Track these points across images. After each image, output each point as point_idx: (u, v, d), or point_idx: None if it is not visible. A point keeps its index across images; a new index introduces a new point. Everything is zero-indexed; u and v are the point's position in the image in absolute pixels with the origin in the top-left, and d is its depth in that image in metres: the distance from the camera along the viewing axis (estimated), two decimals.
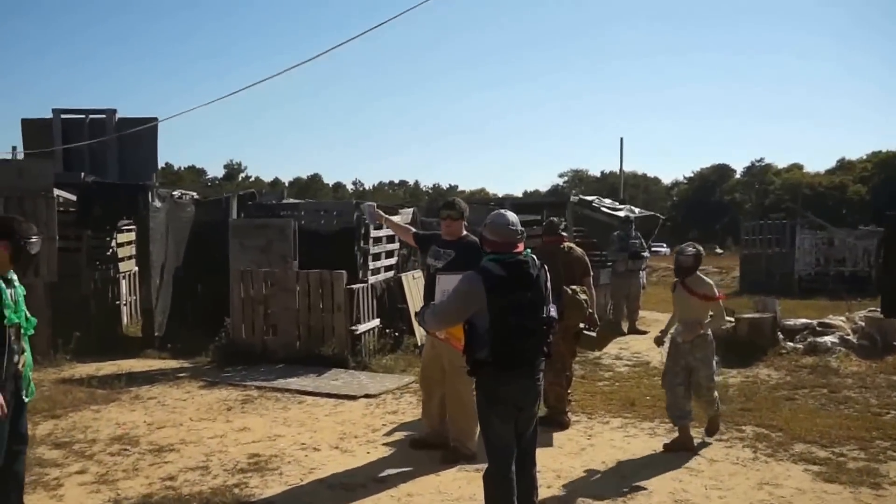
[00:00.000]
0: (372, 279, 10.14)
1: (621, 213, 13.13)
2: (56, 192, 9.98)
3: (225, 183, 57.91)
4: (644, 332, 12.33)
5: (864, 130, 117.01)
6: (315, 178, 74.04)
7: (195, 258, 11.28)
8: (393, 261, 11.19)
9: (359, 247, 10.12)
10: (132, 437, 6.32)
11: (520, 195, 57.09)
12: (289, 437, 6.43)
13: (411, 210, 12.48)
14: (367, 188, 77.17)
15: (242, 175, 72.82)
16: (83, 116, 13.09)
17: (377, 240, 10.47)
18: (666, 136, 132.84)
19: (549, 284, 4.11)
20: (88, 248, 10.58)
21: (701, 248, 6.69)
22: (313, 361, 9.16)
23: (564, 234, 7.23)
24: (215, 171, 76.19)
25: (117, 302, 11.37)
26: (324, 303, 9.40)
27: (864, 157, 70.72)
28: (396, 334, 10.11)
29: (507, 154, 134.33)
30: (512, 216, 4.08)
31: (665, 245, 58.02)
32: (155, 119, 13.24)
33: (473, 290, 3.88)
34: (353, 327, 9.40)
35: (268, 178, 72.77)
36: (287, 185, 72.09)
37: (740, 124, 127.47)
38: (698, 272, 6.50)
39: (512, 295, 3.87)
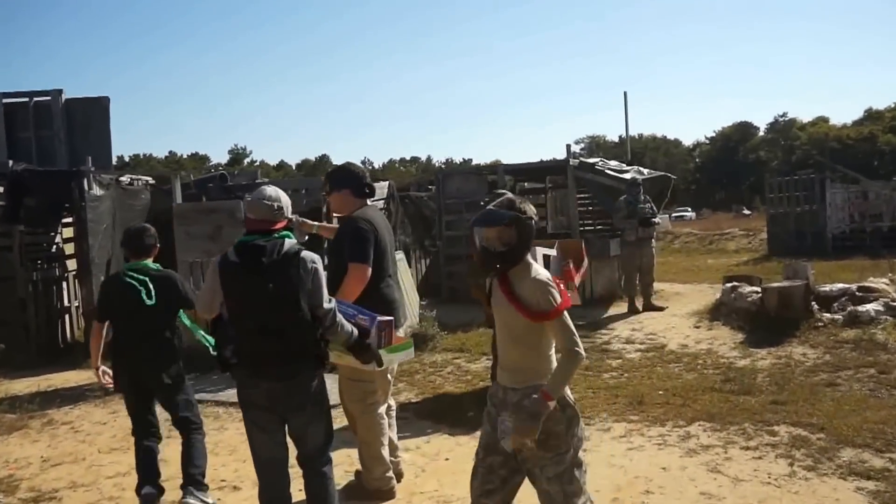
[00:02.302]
0: None
1: (627, 176, 11.66)
2: None
3: (228, 168, 56.81)
4: (661, 308, 10.94)
5: (891, 78, 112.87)
6: (323, 159, 72.59)
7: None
8: None
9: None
10: (13, 482, 5.11)
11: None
12: (209, 470, 5.18)
13: (386, 183, 11.15)
14: (376, 166, 75.65)
15: (248, 160, 71.64)
16: (27, 99, 11.87)
17: None
18: (685, 95, 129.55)
19: (318, 275, 3.43)
20: (23, 246, 9.39)
21: (525, 208, 3.11)
22: None
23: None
24: (220, 157, 75.26)
25: (66, 305, 10.17)
26: None
27: (893, 105, 67.81)
28: None
29: (523, 124, 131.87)
30: (273, 190, 3.51)
31: (690, 209, 56.26)
32: (105, 98, 12.00)
33: (213, 276, 3.46)
34: None
35: (273, 162, 71.66)
36: (294, 167, 70.92)
37: (760, 79, 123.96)
38: (530, 259, 3.13)
39: (244, 285, 3.35)
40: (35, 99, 11.89)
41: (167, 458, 5.34)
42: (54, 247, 10.31)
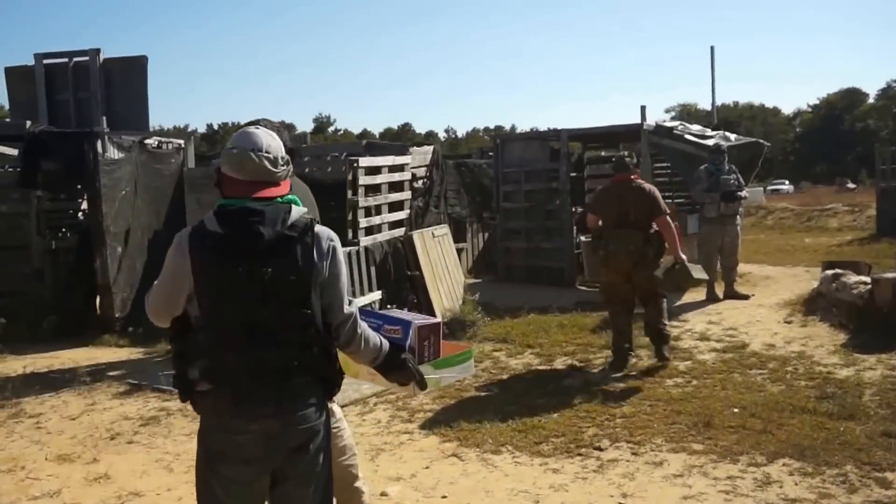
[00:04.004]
0: (367, 240, 7.77)
1: (710, 142, 10.06)
2: None
3: (312, 137, 56.62)
4: (745, 297, 9.42)
5: None
6: (406, 128, 71.79)
7: (183, 219, 9.25)
8: (402, 215, 8.74)
9: (341, 199, 7.72)
10: None
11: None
12: (155, 492, 4.24)
13: (430, 148, 9.97)
14: (459, 135, 74.33)
15: (332, 128, 71.50)
16: (66, 60, 11.20)
17: (373, 188, 8.04)
18: (785, 62, 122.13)
19: (337, 259, 2.35)
20: (41, 213, 8.74)
21: None
22: None
23: (637, 169, 6.68)
24: (305, 124, 75.41)
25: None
26: None
27: None
28: (404, 310, 7.75)
29: (611, 92, 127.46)
30: (267, 136, 2.33)
31: (787, 182, 52.59)
32: (143, 57, 11.21)
33: (178, 257, 2.29)
34: None
35: (357, 130, 71.31)
36: (378, 136, 70.49)
37: (870, 40, 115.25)
38: None
39: (230, 269, 2.23)
40: (74, 59, 11.21)
41: (113, 474, 4.45)
42: (80, 213, 9.63)
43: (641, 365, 6.53)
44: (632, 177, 6.41)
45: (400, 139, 65.60)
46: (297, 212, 2.30)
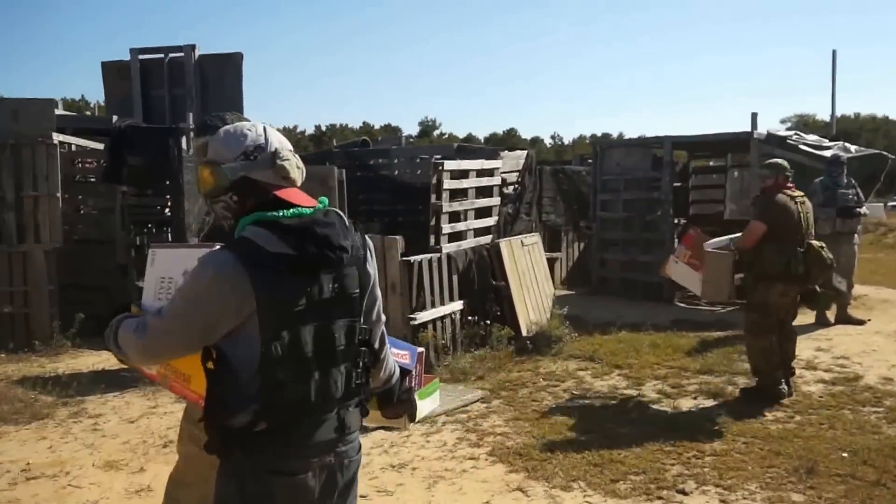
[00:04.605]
0: (450, 247, 7.46)
1: (827, 153, 9.22)
2: (70, 139, 8.36)
3: (417, 140, 57.06)
4: (860, 322, 8.59)
5: None
6: (511, 133, 71.25)
7: None
8: (489, 222, 8.38)
9: (427, 203, 7.44)
10: None
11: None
12: None
13: (523, 153, 9.56)
14: (565, 142, 73.23)
15: (437, 132, 71.83)
16: (162, 56, 11.50)
17: (458, 193, 7.72)
18: None
19: (374, 257, 2.13)
20: (126, 208, 8.88)
21: None
22: None
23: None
24: (411, 128, 76.11)
25: None
26: None
27: None
28: (487, 323, 7.43)
29: (726, 100, 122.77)
30: (279, 136, 2.05)
31: None
32: (238, 55, 11.37)
33: (219, 288, 1.86)
34: (413, 315, 6.84)
35: (461, 134, 71.38)
36: (483, 140, 70.38)
37: None
38: None
39: (307, 290, 1.91)
40: (170, 55, 11.51)
41: (156, 488, 4.30)
42: (166, 210, 9.78)
43: (737, 395, 5.95)
44: (791, 186, 5.95)
45: (504, 144, 65.28)
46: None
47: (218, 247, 1.93)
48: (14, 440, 5.20)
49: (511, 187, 9.10)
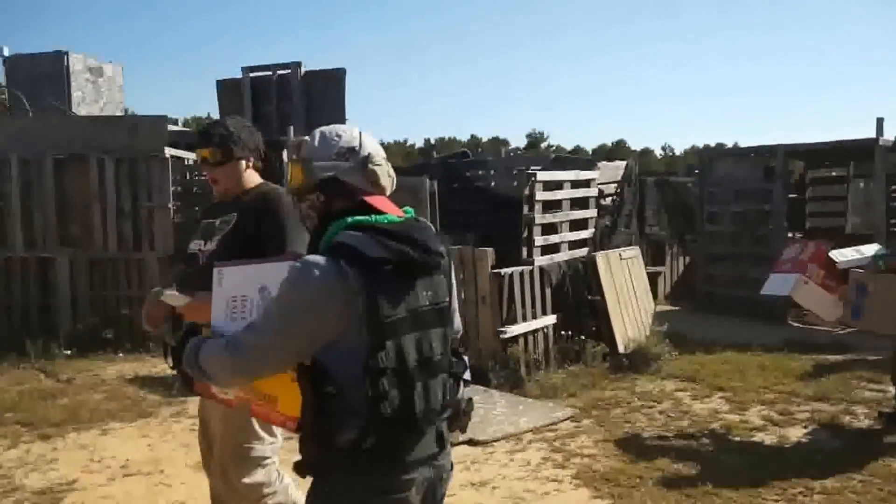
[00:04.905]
0: (543, 260, 7.26)
1: None
2: (183, 153, 8.70)
3: (524, 152, 56.90)
4: None
5: None
6: (620, 144, 69.92)
7: None
8: (585, 234, 8.12)
9: (521, 214, 7.28)
10: (65, 491, 4.41)
11: None
12: None
13: (623, 164, 9.23)
14: (676, 153, 71.14)
15: (544, 144, 71.36)
16: (270, 73, 11.89)
17: (551, 204, 7.51)
18: None
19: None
20: None
21: None
22: None
23: None
24: (518, 140, 75.97)
25: None
26: (465, 291, 6.85)
27: None
28: (581, 338, 7.18)
29: (848, 105, 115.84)
30: (361, 135, 2.01)
31: None
32: (342, 70, 11.59)
33: (322, 294, 1.78)
34: (504, 328, 6.68)
35: (570, 146, 70.62)
36: (591, 152, 69.40)
37: None
38: None
39: (406, 298, 1.85)
40: (278, 72, 11.88)
41: None
42: None
43: (857, 425, 5.46)
44: None
45: (613, 156, 64.02)
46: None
47: (293, 257, 1.90)
48: (118, 436, 5.40)
49: (609, 199, 8.81)
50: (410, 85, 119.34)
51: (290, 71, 11.74)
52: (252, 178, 2.97)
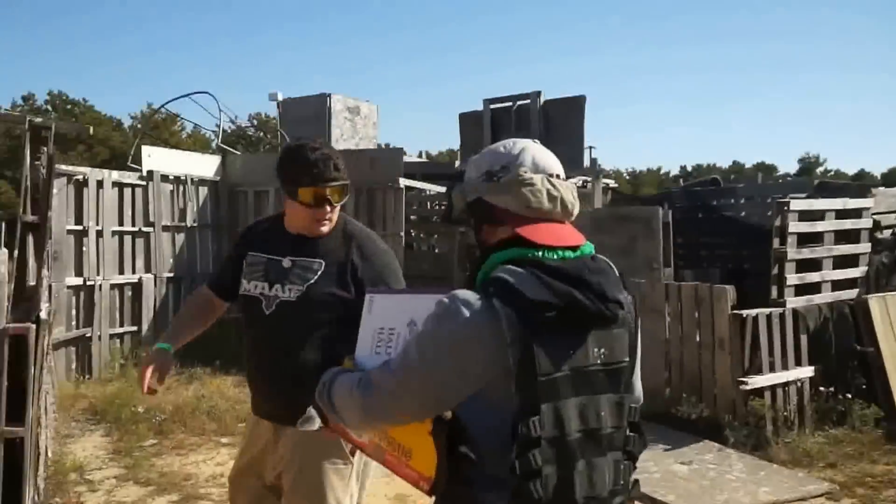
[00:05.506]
0: (797, 301, 6.27)
1: None
2: (417, 183, 8.90)
3: (795, 178, 51.86)
4: None
5: None
6: None
7: None
8: (854, 272, 6.89)
9: (772, 248, 6.35)
10: None
11: None
12: None
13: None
14: None
15: (820, 169, 64.82)
16: (510, 104, 11.90)
17: (810, 237, 6.47)
18: None
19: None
20: (464, 247, 9.20)
21: None
22: (679, 421, 6.04)
23: None
24: (788, 166, 69.66)
25: None
26: (701, 334, 6.11)
27: None
28: (847, 397, 6.06)
29: None
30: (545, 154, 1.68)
31: None
32: (582, 97, 11.28)
33: (471, 336, 1.47)
34: (745, 378, 5.83)
35: (852, 171, 63.33)
36: (880, 177, 61.77)
37: None
38: None
39: (571, 353, 1.50)
40: (518, 103, 11.87)
41: None
42: None
43: None
44: None
45: None
46: None
47: (451, 290, 1.55)
48: (221, 454, 5.56)
49: (889, 231, 7.47)
50: (665, 109, 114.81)
51: (529, 101, 11.67)
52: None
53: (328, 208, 2.49)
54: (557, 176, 1.64)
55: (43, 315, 4.12)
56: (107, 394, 6.83)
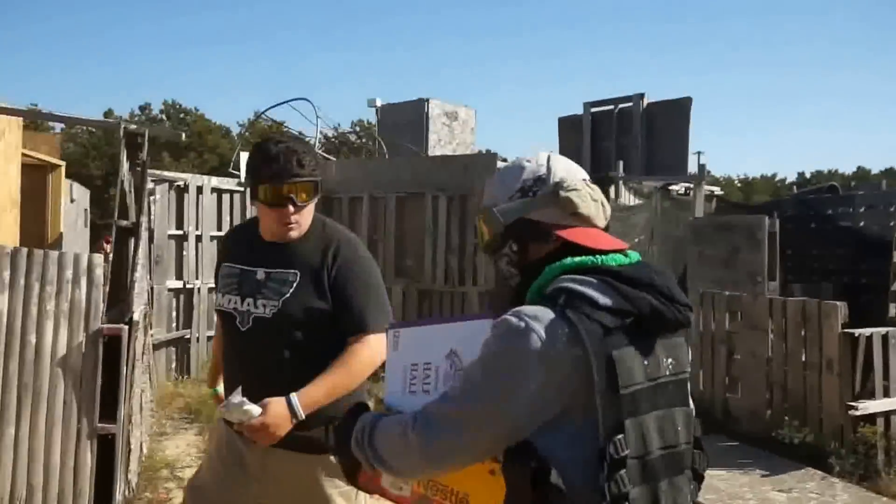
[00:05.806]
0: None
1: None
2: None
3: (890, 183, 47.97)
4: None
5: None
6: None
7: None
8: None
9: (892, 261, 5.85)
10: None
11: None
12: None
13: None
14: None
15: None
16: (612, 107, 11.58)
17: None
18: None
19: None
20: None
21: None
22: (779, 445, 5.65)
23: None
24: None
25: None
26: (808, 353, 5.70)
27: None
28: None
29: None
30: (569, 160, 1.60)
31: None
32: (687, 99, 10.83)
33: (544, 355, 1.31)
34: (855, 403, 5.38)
35: None
36: None
37: None
38: None
39: (650, 362, 1.38)
40: (619, 106, 11.53)
41: None
42: None
43: None
44: None
45: None
46: None
47: (492, 314, 1.44)
48: None
49: None
50: (781, 111, 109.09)
51: (631, 104, 11.32)
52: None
53: (291, 208, 2.22)
54: (585, 180, 1.55)
55: (136, 316, 4.24)
56: (201, 394, 7.03)
